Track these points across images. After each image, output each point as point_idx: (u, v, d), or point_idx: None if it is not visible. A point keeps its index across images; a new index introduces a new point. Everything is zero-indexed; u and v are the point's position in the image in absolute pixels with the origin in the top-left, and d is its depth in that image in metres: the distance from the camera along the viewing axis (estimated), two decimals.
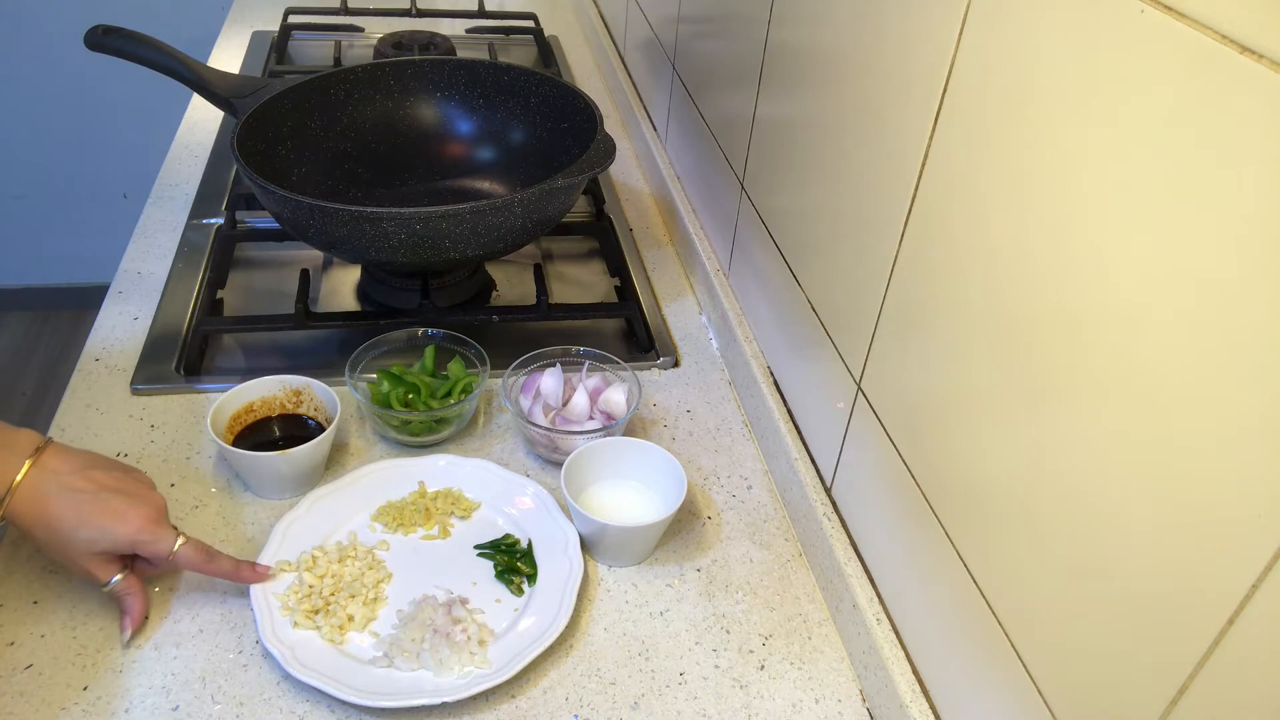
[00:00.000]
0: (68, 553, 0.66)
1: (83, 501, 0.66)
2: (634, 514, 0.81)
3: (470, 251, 0.93)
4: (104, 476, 0.68)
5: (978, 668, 0.60)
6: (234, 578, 0.71)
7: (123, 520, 0.66)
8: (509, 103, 1.16)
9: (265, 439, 0.84)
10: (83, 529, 0.65)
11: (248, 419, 0.84)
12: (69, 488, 0.66)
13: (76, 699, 0.66)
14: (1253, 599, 0.39)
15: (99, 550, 0.67)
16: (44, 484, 0.65)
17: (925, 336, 0.64)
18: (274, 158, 1.04)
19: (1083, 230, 0.48)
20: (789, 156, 0.85)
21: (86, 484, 0.66)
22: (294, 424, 0.86)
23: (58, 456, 0.67)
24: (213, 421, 0.80)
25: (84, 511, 0.65)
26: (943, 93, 0.59)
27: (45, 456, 0.66)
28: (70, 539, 0.65)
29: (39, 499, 0.65)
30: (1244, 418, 0.39)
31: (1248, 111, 0.38)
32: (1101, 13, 0.45)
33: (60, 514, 0.65)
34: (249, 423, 0.85)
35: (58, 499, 0.65)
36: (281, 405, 0.86)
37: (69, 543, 0.66)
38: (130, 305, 1.01)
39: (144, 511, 0.67)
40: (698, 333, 1.08)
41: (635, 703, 0.70)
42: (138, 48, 1.02)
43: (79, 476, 0.66)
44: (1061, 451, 0.50)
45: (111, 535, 0.66)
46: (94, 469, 0.68)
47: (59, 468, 0.66)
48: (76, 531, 0.65)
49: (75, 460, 0.68)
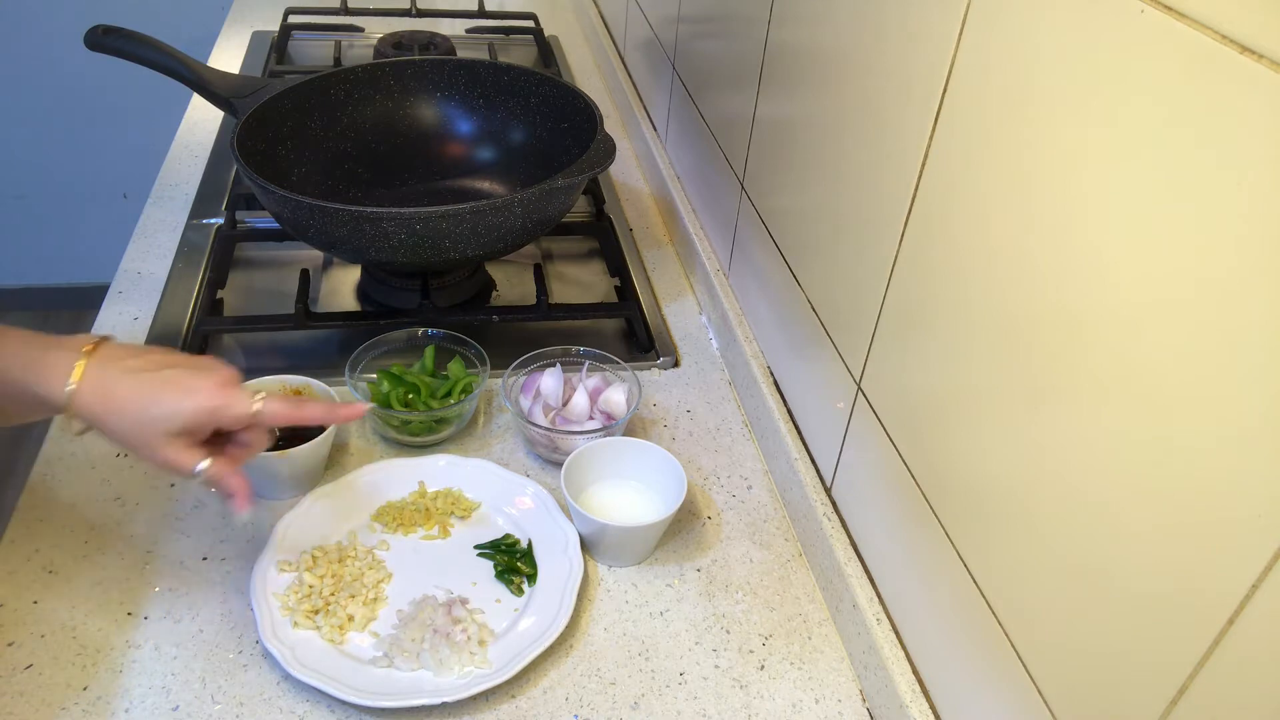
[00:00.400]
0: (144, 438, 0.63)
1: (148, 380, 0.63)
2: (634, 514, 0.81)
3: (470, 251, 0.93)
4: (164, 357, 0.65)
5: (978, 668, 0.60)
6: (329, 419, 0.71)
7: (193, 391, 0.63)
8: (509, 103, 1.16)
9: None
10: (153, 407, 0.62)
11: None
12: (131, 370, 0.63)
13: (76, 699, 0.66)
14: (1253, 599, 0.39)
15: (176, 429, 0.63)
16: (106, 371, 0.62)
17: (925, 336, 0.64)
18: (274, 158, 1.04)
19: (1083, 230, 0.48)
20: (789, 156, 0.85)
21: (149, 364, 0.64)
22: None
23: (114, 346, 0.65)
24: None
25: (152, 389, 0.62)
26: (943, 93, 0.59)
27: (102, 348, 0.64)
28: (142, 420, 0.62)
29: (104, 387, 0.62)
30: (1244, 418, 0.39)
31: (1248, 111, 0.38)
32: (1101, 13, 0.45)
33: (128, 396, 0.62)
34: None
35: (122, 382, 0.62)
36: None
37: (143, 426, 0.62)
38: (130, 305, 1.01)
39: (214, 378, 0.64)
40: (698, 333, 1.08)
41: (635, 703, 0.70)
42: (138, 48, 1.02)
43: (140, 358, 0.64)
44: (1062, 451, 0.50)
45: (185, 408, 0.62)
46: (153, 352, 0.66)
47: (117, 354, 0.64)
48: (147, 410, 0.62)
49: (131, 347, 0.65)
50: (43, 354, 0.62)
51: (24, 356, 0.62)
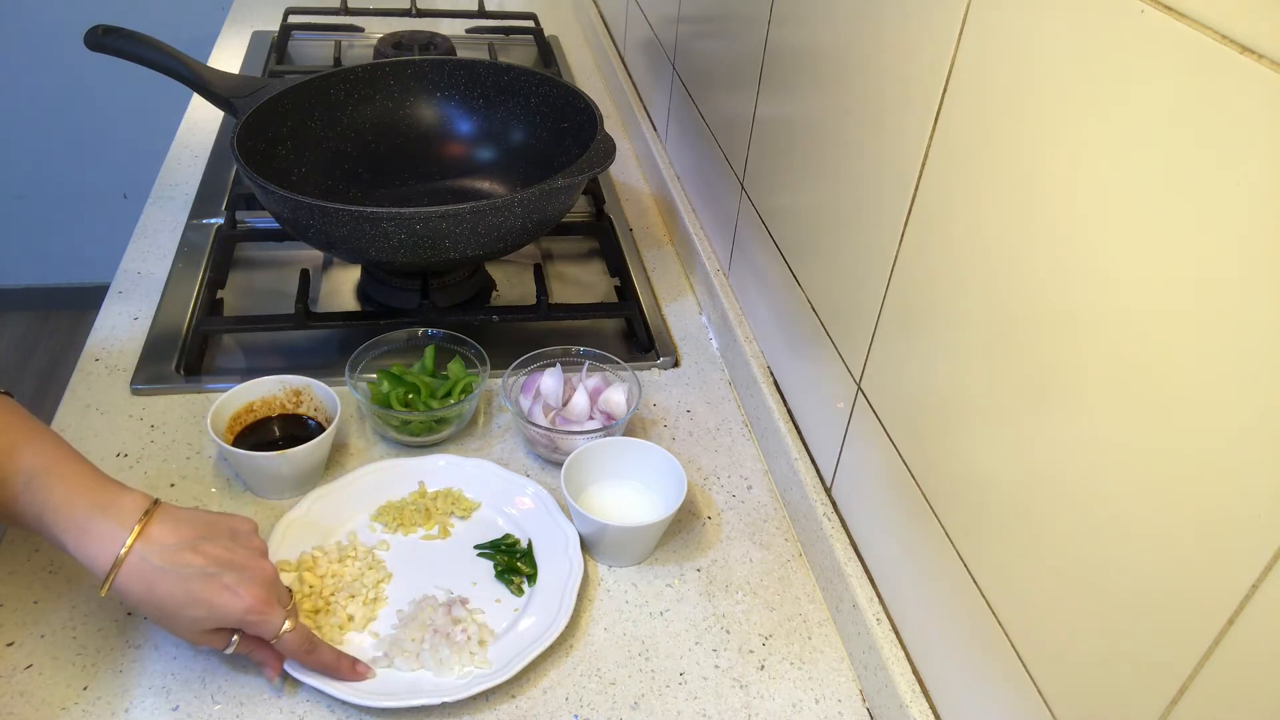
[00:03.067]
0: (176, 629, 0.63)
1: (190, 578, 0.61)
2: (634, 514, 0.81)
3: (470, 251, 0.93)
4: (213, 549, 0.63)
5: (978, 668, 0.60)
6: (332, 672, 0.67)
7: (233, 599, 0.62)
8: (509, 103, 1.16)
9: (265, 439, 0.84)
10: (191, 608, 0.62)
11: (248, 419, 0.84)
12: (176, 564, 0.61)
13: (76, 699, 0.66)
14: (1253, 599, 0.39)
15: (208, 629, 0.63)
16: (150, 559, 0.61)
17: (925, 336, 0.64)
18: (274, 158, 1.04)
19: (1083, 230, 0.48)
20: (789, 156, 0.85)
21: (195, 558, 0.62)
22: (294, 424, 0.86)
23: (164, 525, 0.62)
24: (213, 422, 0.80)
25: (192, 590, 0.61)
26: (943, 93, 0.59)
27: (151, 526, 0.62)
28: (178, 617, 0.62)
29: (146, 576, 0.61)
30: (1244, 418, 0.39)
31: (1248, 111, 0.38)
32: (1101, 13, 0.45)
33: (168, 593, 0.61)
34: (249, 423, 0.85)
35: (165, 577, 0.61)
36: (281, 405, 0.86)
37: (177, 620, 0.62)
38: (130, 305, 1.01)
39: (254, 591, 0.63)
40: (698, 333, 1.08)
41: (635, 703, 0.70)
42: (138, 48, 1.02)
43: (187, 550, 0.62)
44: (1062, 451, 0.50)
45: (221, 614, 0.62)
46: (202, 540, 0.63)
47: (165, 539, 0.62)
48: (184, 610, 0.62)
49: (182, 529, 0.63)
50: (90, 519, 0.61)
51: (69, 514, 0.61)
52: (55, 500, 0.61)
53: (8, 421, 0.63)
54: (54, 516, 0.61)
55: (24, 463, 0.62)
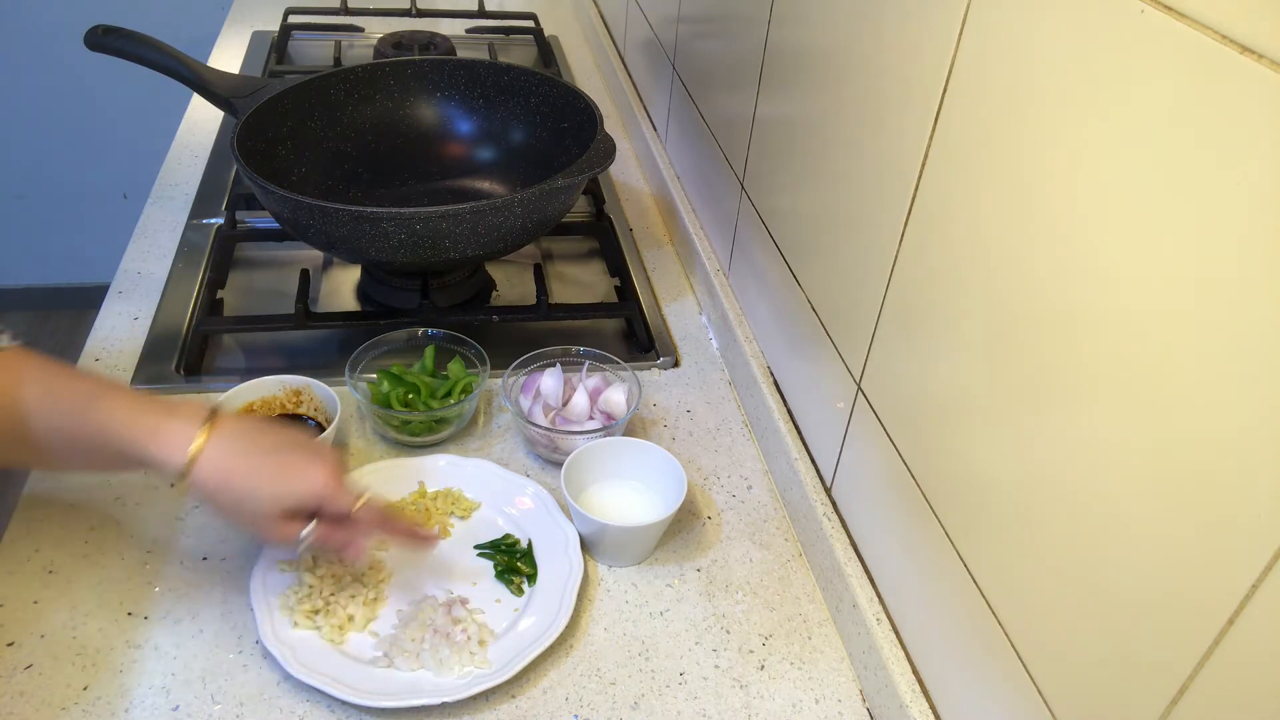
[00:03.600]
0: (254, 514, 0.66)
1: (264, 462, 0.66)
2: (634, 514, 0.81)
3: (470, 251, 0.93)
4: (277, 437, 0.68)
5: (978, 668, 0.60)
6: (409, 541, 0.73)
7: (306, 476, 0.66)
8: (509, 103, 1.16)
9: None
10: (267, 487, 0.65)
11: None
12: (248, 450, 0.66)
13: (76, 699, 0.66)
14: (1253, 599, 0.39)
15: (284, 508, 0.66)
16: (224, 449, 0.65)
17: (925, 336, 0.64)
18: (274, 158, 1.04)
19: (1082, 230, 0.48)
20: (789, 156, 0.85)
21: (264, 445, 0.67)
22: (294, 424, 0.86)
23: (231, 420, 0.67)
24: None
25: (267, 471, 0.66)
26: (943, 93, 0.59)
27: (219, 422, 0.66)
28: (255, 499, 0.65)
29: (223, 465, 0.65)
30: (1244, 418, 0.39)
31: (1248, 111, 0.38)
32: (1101, 13, 0.45)
33: (245, 477, 0.65)
34: None
35: (240, 463, 0.65)
36: (281, 405, 0.86)
37: (254, 504, 0.65)
38: (130, 305, 1.01)
39: (325, 468, 0.67)
40: (698, 333, 1.08)
41: (635, 703, 0.70)
42: (138, 48, 1.02)
43: (256, 437, 0.67)
44: (1062, 451, 0.50)
45: (296, 492, 0.66)
46: (268, 431, 0.69)
47: (234, 430, 0.66)
48: (261, 492, 0.65)
49: (248, 423, 0.68)
50: (160, 422, 0.65)
51: (138, 421, 0.64)
52: (120, 414, 0.64)
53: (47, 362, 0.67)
54: (121, 427, 0.64)
55: (79, 387, 0.66)
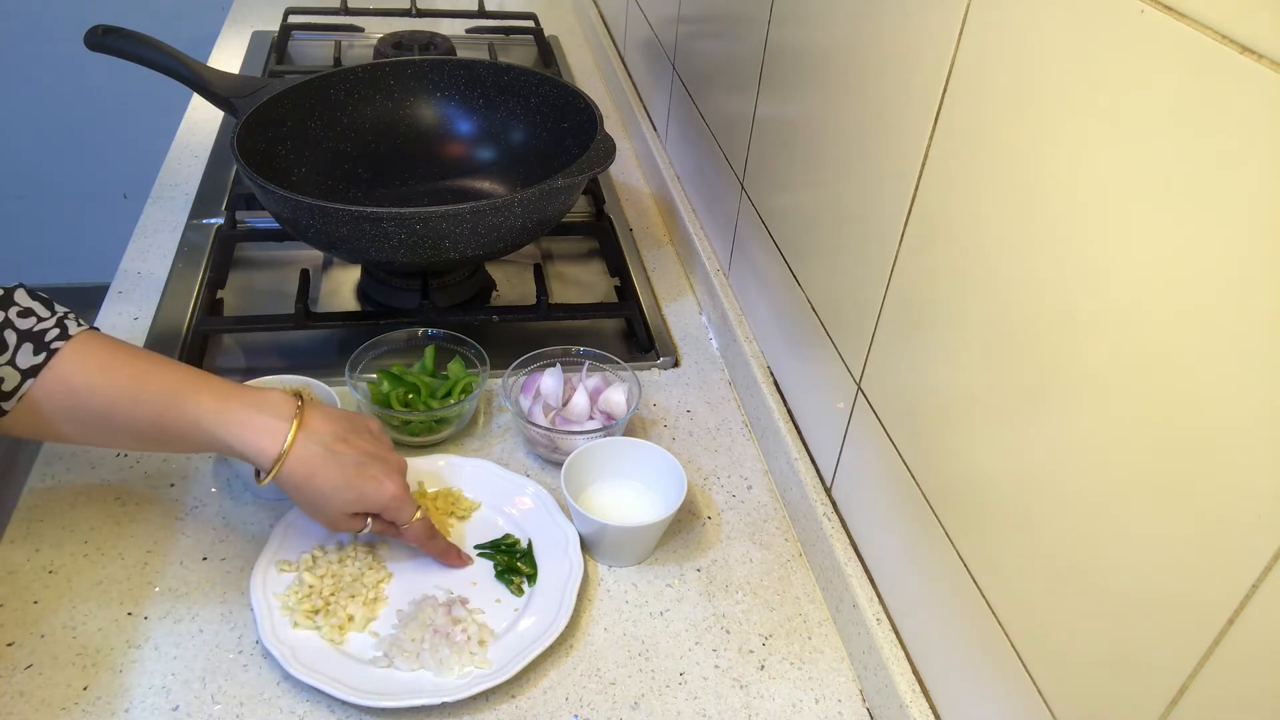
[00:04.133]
0: (329, 512, 0.70)
1: (347, 466, 0.69)
2: (634, 514, 0.81)
3: (470, 251, 0.93)
4: (361, 442, 0.71)
5: (978, 668, 0.60)
6: (443, 559, 0.76)
7: (380, 487, 0.70)
8: (509, 103, 1.16)
9: None
10: (345, 491, 0.69)
11: None
12: (334, 451, 0.69)
13: (76, 699, 0.66)
14: (1253, 599, 0.39)
15: (354, 511, 0.71)
16: (312, 447, 0.68)
17: (925, 336, 0.64)
18: (274, 158, 1.04)
19: (1082, 230, 0.48)
20: (789, 156, 0.85)
21: (347, 448, 0.70)
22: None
23: (318, 417, 0.70)
24: None
25: (349, 476, 0.69)
26: (943, 93, 0.59)
27: (307, 418, 0.69)
28: (332, 499, 0.69)
29: (309, 462, 0.68)
30: (1244, 418, 0.39)
31: (1248, 111, 0.38)
32: (1101, 12, 0.45)
33: (327, 478, 0.69)
34: None
35: (325, 464, 0.69)
36: None
37: (330, 503, 0.69)
38: (130, 305, 1.01)
39: (397, 480, 0.72)
40: (698, 333, 1.08)
41: (635, 703, 0.70)
42: (138, 48, 1.02)
43: (340, 440, 0.70)
44: (1062, 452, 0.50)
45: (370, 500, 0.70)
46: (351, 433, 0.71)
47: (322, 429, 0.69)
48: (339, 493, 0.69)
49: (334, 422, 0.71)
50: (251, 415, 0.68)
51: (227, 413, 0.67)
52: (207, 406, 0.67)
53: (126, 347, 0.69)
54: (212, 420, 0.67)
55: (165, 376, 0.68)
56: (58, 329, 0.66)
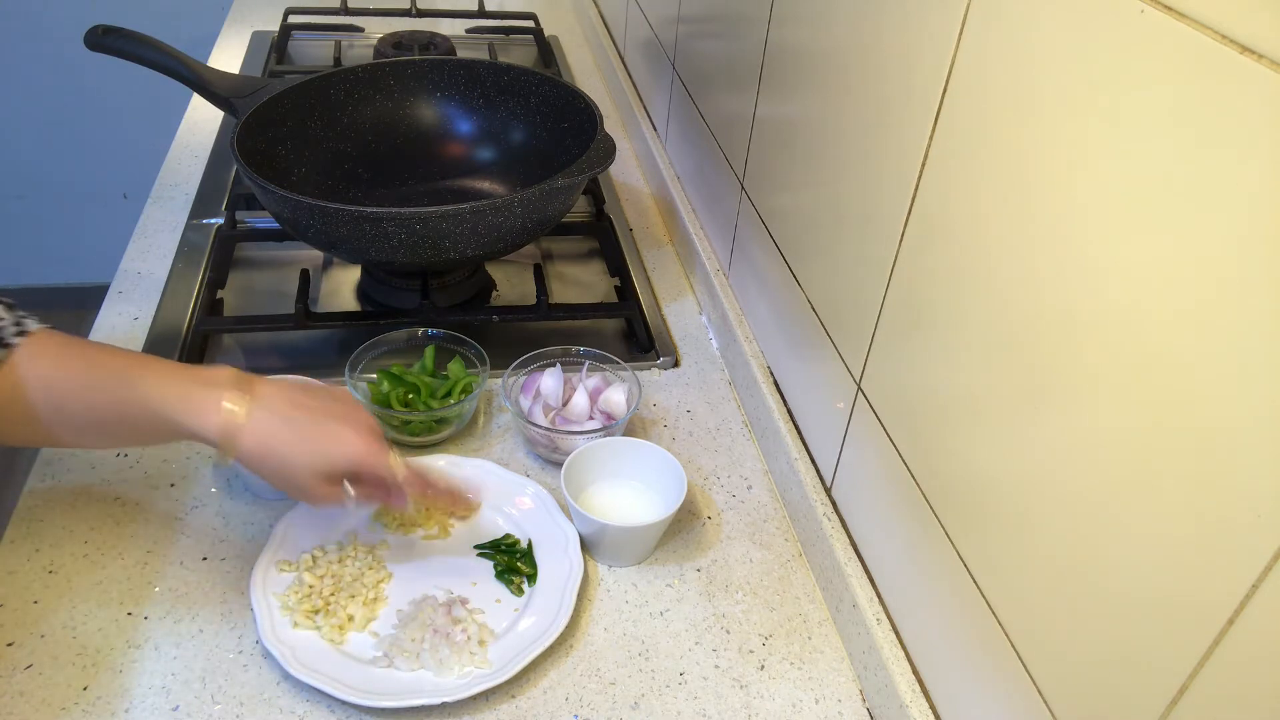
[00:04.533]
0: (297, 479, 0.68)
1: (304, 427, 0.67)
2: (634, 514, 0.81)
3: (470, 251, 0.93)
4: (316, 402, 0.69)
5: (978, 667, 0.60)
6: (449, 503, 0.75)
7: (342, 441, 0.68)
8: (509, 103, 1.16)
9: None
10: (308, 455, 0.67)
11: None
12: (289, 417, 0.67)
13: (76, 699, 0.66)
14: (1253, 599, 0.39)
15: (323, 472, 0.68)
16: (265, 415, 0.66)
17: (925, 336, 0.64)
18: (274, 158, 1.04)
19: (1082, 230, 0.48)
20: (789, 156, 0.85)
21: (303, 413, 0.68)
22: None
23: (268, 385, 0.68)
24: None
25: (308, 437, 0.67)
26: (943, 93, 0.59)
27: (256, 388, 0.67)
28: (297, 464, 0.67)
29: (265, 431, 0.66)
30: (1244, 418, 0.39)
31: (1248, 111, 0.38)
32: (1101, 13, 0.45)
33: (286, 443, 0.67)
34: None
35: (281, 430, 0.67)
36: None
37: (296, 468, 0.67)
38: (130, 305, 1.01)
39: (363, 433, 0.69)
40: (698, 333, 1.08)
41: (635, 703, 0.70)
42: (138, 48, 1.02)
43: (294, 406, 0.68)
44: (1062, 452, 0.50)
45: (335, 457, 0.68)
46: (305, 396, 0.69)
47: (272, 396, 0.67)
48: (301, 456, 0.67)
49: (284, 387, 0.69)
50: (196, 390, 0.66)
51: (174, 391, 0.65)
52: (158, 386, 0.65)
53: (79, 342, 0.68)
54: (160, 401, 0.65)
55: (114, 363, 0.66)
56: (16, 327, 0.66)
